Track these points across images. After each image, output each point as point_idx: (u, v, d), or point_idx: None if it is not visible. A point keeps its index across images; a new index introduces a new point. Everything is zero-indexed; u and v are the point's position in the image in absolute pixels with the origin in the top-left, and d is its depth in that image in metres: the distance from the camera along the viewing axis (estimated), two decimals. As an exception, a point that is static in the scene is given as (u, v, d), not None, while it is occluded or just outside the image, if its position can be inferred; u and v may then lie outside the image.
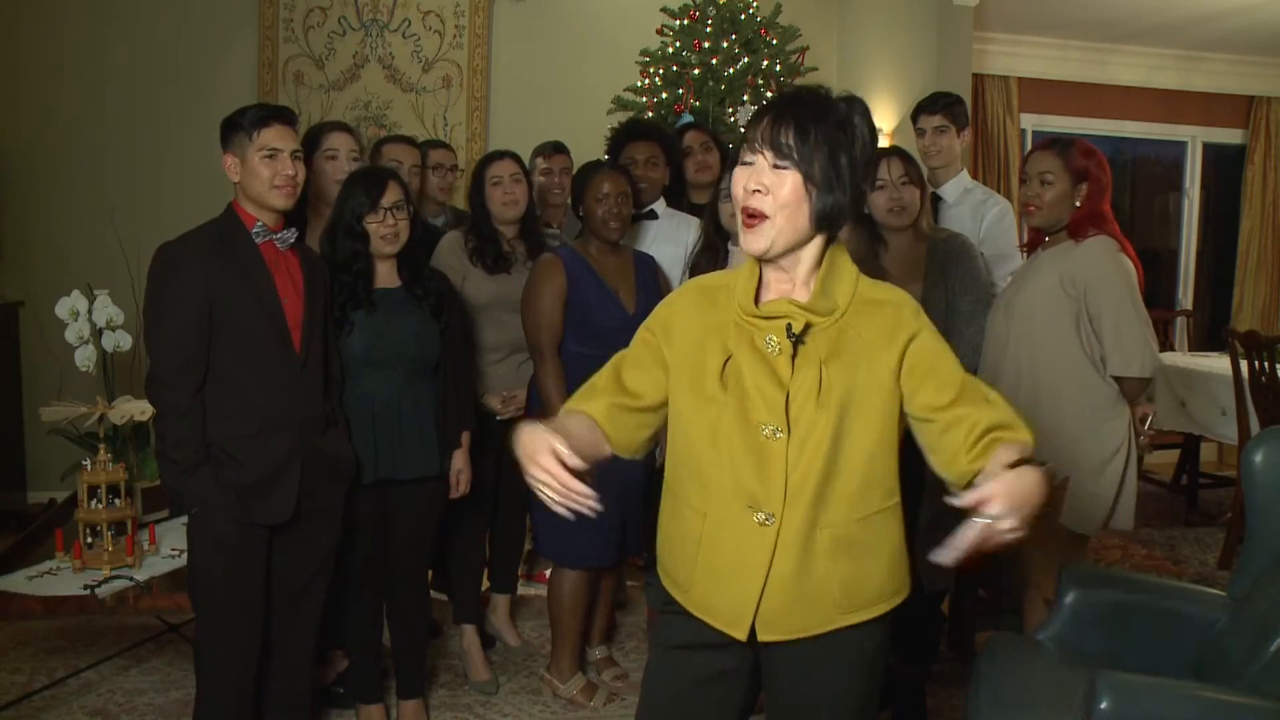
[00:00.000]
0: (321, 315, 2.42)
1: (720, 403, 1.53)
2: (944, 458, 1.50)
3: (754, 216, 1.49)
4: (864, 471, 1.51)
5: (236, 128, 2.29)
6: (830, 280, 1.53)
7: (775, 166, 1.46)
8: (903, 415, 1.53)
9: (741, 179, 1.50)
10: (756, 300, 1.56)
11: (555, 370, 2.84)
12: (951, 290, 2.71)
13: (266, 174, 2.26)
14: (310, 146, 2.84)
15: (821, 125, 1.46)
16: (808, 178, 1.46)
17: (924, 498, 2.66)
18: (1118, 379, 2.54)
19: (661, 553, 1.68)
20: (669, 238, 3.24)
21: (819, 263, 1.54)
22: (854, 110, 1.51)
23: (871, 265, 2.61)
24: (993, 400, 1.51)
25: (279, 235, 2.34)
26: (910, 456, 1.59)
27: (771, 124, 1.47)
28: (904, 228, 2.72)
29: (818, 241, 1.53)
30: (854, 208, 1.53)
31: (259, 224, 2.31)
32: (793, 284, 1.54)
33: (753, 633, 1.54)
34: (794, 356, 1.50)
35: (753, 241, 1.50)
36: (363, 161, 2.93)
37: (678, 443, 1.61)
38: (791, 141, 1.45)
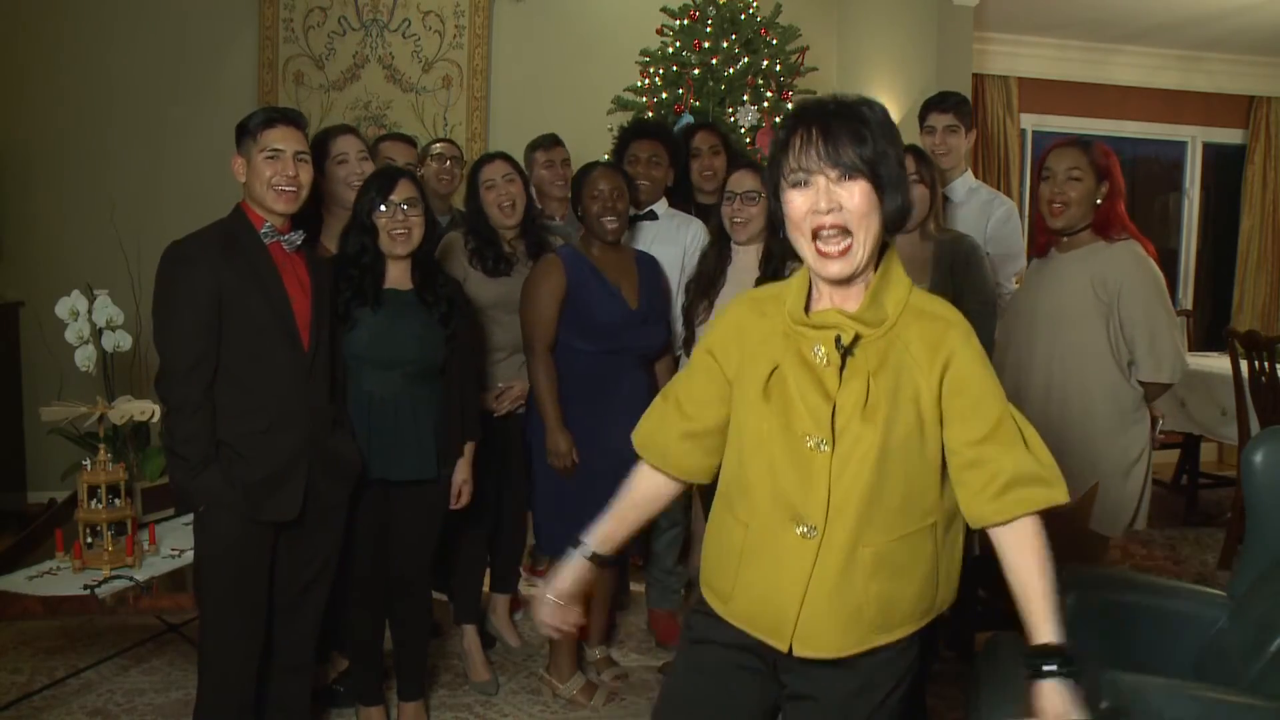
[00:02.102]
0: (328, 316, 2.43)
1: (762, 413, 1.50)
2: (965, 495, 1.49)
3: (835, 236, 1.44)
4: (906, 489, 1.48)
5: (245, 130, 2.32)
6: (882, 289, 1.49)
7: (841, 180, 1.42)
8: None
9: (804, 204, 1.44)
10: (807, 308, 1.53)
11: (547, 368, 2.87)
12: (959, 292, 2.70)
13: (267, 174, 2.27)
14: (320, 152, 2.86)
15: (869, 129, 1.43)
16: (875, 184, 1.43)
17: None
18: (1141, 382, 2.54)
19: (705, 564, 1.66)
20: (668, 238, 3.24)
21: (874, 270, 1.51)
22: (878, 108, 1.48)
23: None
24: (1030, 441, 1.48)
25: (286, 237, 2.35)
26: None
27: (824, 141, 1.42)
28: (910, 226, 2.71)
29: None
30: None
31: (267, 224, 2.32)
32: (846, 294, 1.50)
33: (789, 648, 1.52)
34: (842, 368, 1.47)
35: (840, 267, 1.45)
36: (371, 159, 2.94)
37: (728, 454, 1.59)
38: (854, 152, 1.41)
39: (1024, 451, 1.47)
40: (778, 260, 2.85)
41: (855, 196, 1.43)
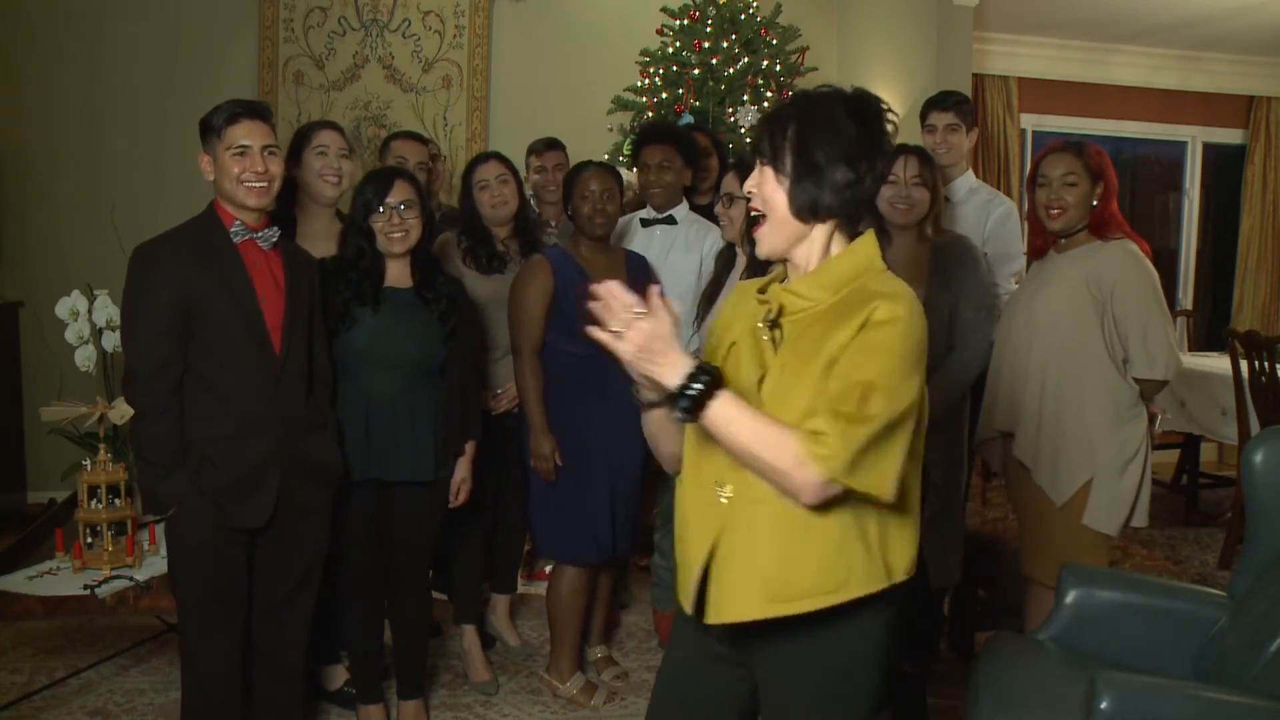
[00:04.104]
0: (306, 316, 2.37)
1: None
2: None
3: (755, 219, 1.56)
4: None
5: (207, 125, 2.26)
6: (831, 267, 1.52)
7: (760, 165, 1.54)
8: None
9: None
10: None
11: (534, 370, 2.88)
12: (955, 296, 2.70)
13: (235, 170, 2.21)
14: (299, 144, 2.84)
15: (795, 122, 1.50)
16: (777, 171, 1.51)
17: (927, 494, 2.67)
18: (1137, 379, 2.55)
19: None
20: (687, 245, 3.22)
21: (825, 254, 1.54)
22: (836, 105, 1.51)
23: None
24: (867, 417, 1.37)
25: (260, 234, 2.29)
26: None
27: (764, 130, 1.54)
28: (906, 226, 2.71)
29: (819, 233, 1.53)
30: (844, 198, 1.52)
31: (237, 223, 2.26)
32: (799, 275, 1.57)
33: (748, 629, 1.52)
34: (777, 339, 1.53)
35: (759, 246, 1.57)
36: (352, 159, 2.92)
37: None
38: (767, 141, 1.52)
39: (842, 420, 1.36)
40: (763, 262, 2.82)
41: (765, 182, 1.53)
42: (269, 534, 2.33)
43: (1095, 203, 2.55)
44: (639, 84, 4.45)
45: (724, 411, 1.39)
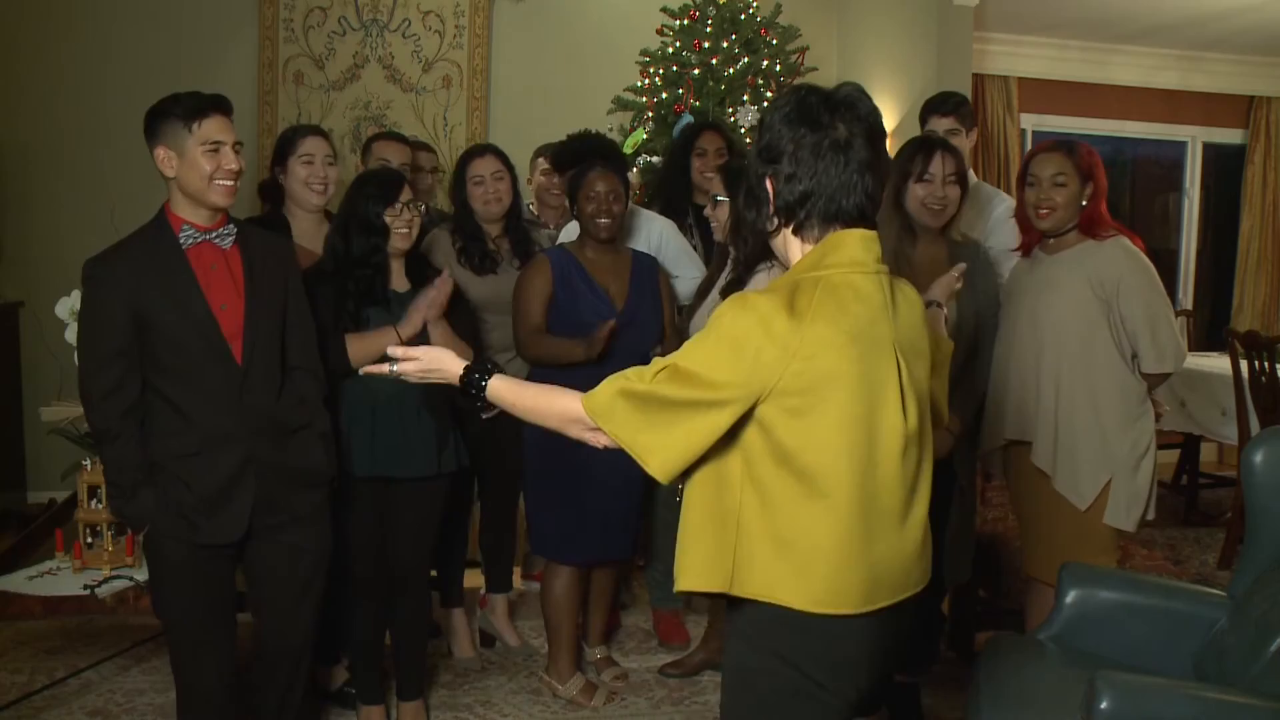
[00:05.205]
0: (277, 313, 2.25)
1: None
2: None
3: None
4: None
5: (169, 117, 2.14)
6: (785, 275, 1.57)
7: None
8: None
9: None
10: None
11: (541, 339, 2.83)
12: (979, 305, 2.68)
13: (209, 168, 2.11)
14: (284, 150, 2.84)
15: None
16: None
17: (954, 499, 2.67)
18: (1145, 374, 2.55)
19: None
20: (632, 239, 3.22)
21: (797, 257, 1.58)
22: (768, 110, 1.56)
23: (901, 260, 2.55)
24: (644, 380, 1.51)
25: (214, 234, 2.17)
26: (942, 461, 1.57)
27: None
28: (937, 228, 2.67)
29: (782, 241, 1.58)
30: (780, 205, 1.54)
31: (186, 227, 2.15)
32: None
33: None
34: None
35: None
36: (339, 165, 2.93)
37: None
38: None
39: (631, 373, 1.53)
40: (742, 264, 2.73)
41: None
42: (256, 544, 2.25)
43: (1085, 203, 2.55)
44: (639, 84, 4.45)
45: (503, 387, 1.64)
